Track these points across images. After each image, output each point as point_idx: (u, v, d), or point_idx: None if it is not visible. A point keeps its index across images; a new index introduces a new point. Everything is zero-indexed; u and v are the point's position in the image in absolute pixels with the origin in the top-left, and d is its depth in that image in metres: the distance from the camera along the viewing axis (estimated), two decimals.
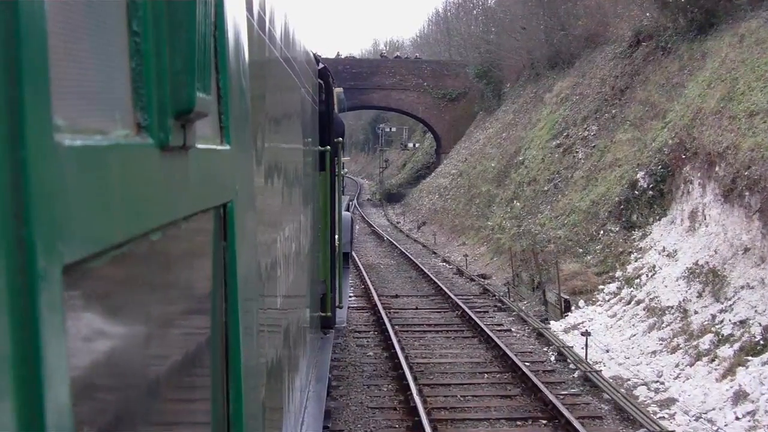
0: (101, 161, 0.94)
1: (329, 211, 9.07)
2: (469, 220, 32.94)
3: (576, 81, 31.32)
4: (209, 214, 1.62)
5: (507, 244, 25.90)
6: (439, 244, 33.78)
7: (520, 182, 29.32)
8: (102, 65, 1.02)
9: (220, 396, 1.77)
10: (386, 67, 57.65)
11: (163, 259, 1.28)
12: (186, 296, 1.50)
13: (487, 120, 45.74)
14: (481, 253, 28.50)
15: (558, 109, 30.72)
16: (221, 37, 1.71)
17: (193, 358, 1.55)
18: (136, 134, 1.12)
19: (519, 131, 35.12)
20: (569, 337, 16.36)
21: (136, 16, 1.11)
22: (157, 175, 1.18)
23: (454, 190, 40.46)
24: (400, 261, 29.70)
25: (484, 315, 19.24)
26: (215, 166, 1.66)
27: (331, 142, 9.05)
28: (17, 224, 0.71)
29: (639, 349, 14.81)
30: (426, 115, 57.02)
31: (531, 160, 29.67)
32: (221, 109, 1.74)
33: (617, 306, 17.19)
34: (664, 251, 17.60)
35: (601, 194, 21.55)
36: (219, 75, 1.69)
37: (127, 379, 1.11)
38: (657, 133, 20.90)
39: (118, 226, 0.98)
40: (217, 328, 1.74)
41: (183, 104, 1.27)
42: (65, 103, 0.84)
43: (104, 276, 0.97)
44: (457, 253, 30.49)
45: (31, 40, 0.73)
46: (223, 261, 1.76)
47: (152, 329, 1.23)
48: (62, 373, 0.78)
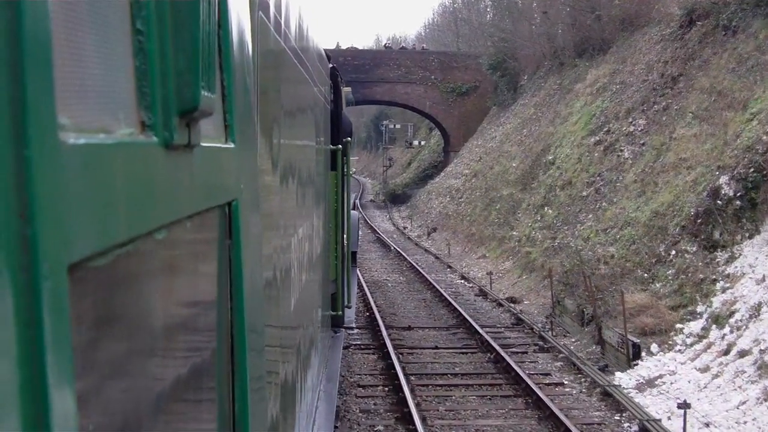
0: (105, 160, 0.94)
1: (340, 211, 9.00)
2: (489, 228, 28.54)
3: (614, 68, 27.03)
4: (214, 213, 1.61)
5: (539, 259, 21.68)
6: (455, 256, 29.42)
7: (551, 185, 24.95)
8: (106, 64, 1.02)
9: (226, 396, 1.75)
10: (391, 59, 53.88)
11: (167, 258, 1.27)
12: (191, 295, 1.49)
13: (502, 115, 41.62)
14: (506, 269, 24.22)
15: (594, 101, 26.27)
16: (225, 35, 1.70)
17: (198, 358, 1.54)
18: (140, 133, 1.11)
19: (544, 127, 30.72)
20: (648, 400, 12.13)
21: (140, 15, 1.12)
22: (161, 173, 1.17)
23: (468, 192, 36.19)
24: (410, 277, 25.25)
25: (523, 358, 15.02)
26: (220, 165, 1.66)
27: (340, 141, 9.00)
28: (22, 223, 0.71)
29: (757, 427, 10.55)
30: (434, 111, 53.40)
31: (564, 160, 25.22)
32: (226, 108, 1.73)
33: (708, 355, 12.92)
34: (764, 281, 13.35)
35: (666, 203, 17.17)
36: (223, 73, 1.68)
37: (132, 379, 1.08)
38: (740, 127, 16.57)
39: (123, 224, 0.98)
40: (223, 327, 1.73)
41: (187, 103, 1.28)
42: (69, 101, 0.84)
43: (109, 275, 0.96)
44: (477, 267, 26.21)
45: (35, 39, 0.74)
46: (228, 259, 1.75)
47: (157, 328, 1.22)
48: (67, 373, 0.78)
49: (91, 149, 0.88)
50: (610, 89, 26.00)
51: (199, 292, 1.56)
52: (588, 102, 26.64)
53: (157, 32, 1.15)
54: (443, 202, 39.78)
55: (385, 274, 26.02)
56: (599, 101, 25.65)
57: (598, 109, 25.17)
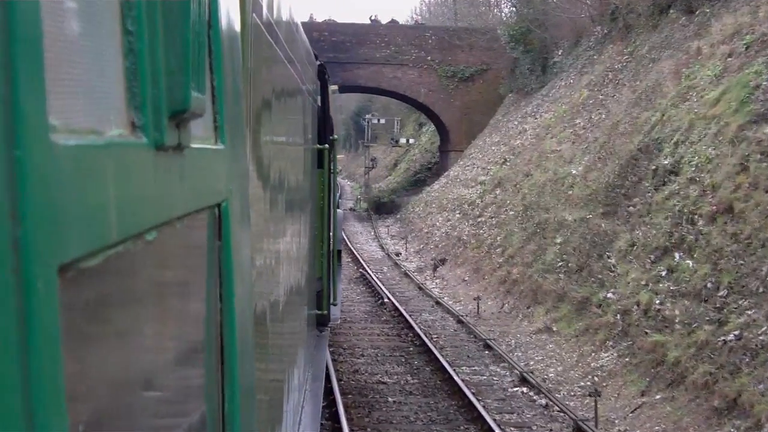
0: (96, 161, 0.93)
1: (326, 208, 9.23)
2: (549, 276, 17.28)
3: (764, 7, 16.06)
4: (204, 214, 1.60)
5: (683, 362, 10.79)
6: (490, 319, 17.77)
7: (682, 212, 13.97)
8: (96, 65, 1.01)
9: (216, 395, 1.73)
10: (377, 35, 43.27)
11: (158, 259, 1.26)
12: (181, 296, 1.49)
13: (527, 103, 31.29)
14: (611, 369, 13.03)
15: (746, 65, 15.16)
16: (216, 36, 1.68)
17: (188, 358, 1.54)
18: (130, 134, 1.10)
19: (624, 112, 19.72)
20: None
21: (131, 16, 1.10)
22: (151, 174, 1.16)
23: (492, 209, 25.18)
24: (425, 376, 13.83)
25: None
26: (210, 166, 1.64)
27: (327, 139, 9.16)
28: (12, 224, 0.71)
29: None
30: (429, 100, 43.02)
31: (703, 166, 13.94)
32: (216, 109, 1.72)
33: None
34: None
35: None
36: (213, 74, 1.66)
37: (122, 379, 1.09)
38: None
39: (113, 225, 0.96)
40: (213, 328, 1.71)
41: (178, 104, 1.26)
42: (60, 102, 0.83)
43: (99, 276, 0.95)
44: (540, 351, 15.09)
45: (26, 40, 0.73)
46: (218, 260, 1.74)
47: (147, 329, 1.22)
48: (57, 375, 0.77)
49: (82, 150, 0.88)
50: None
51: (189, 293, 1.56)
52: (729, 67, 15.60)
53: (148, 32, 1.14)
54: (451, 221, 28.87)
55: (379, 363, 14.74)
56: (758, 65, 14.61)
57: (760, 77, 14.20)
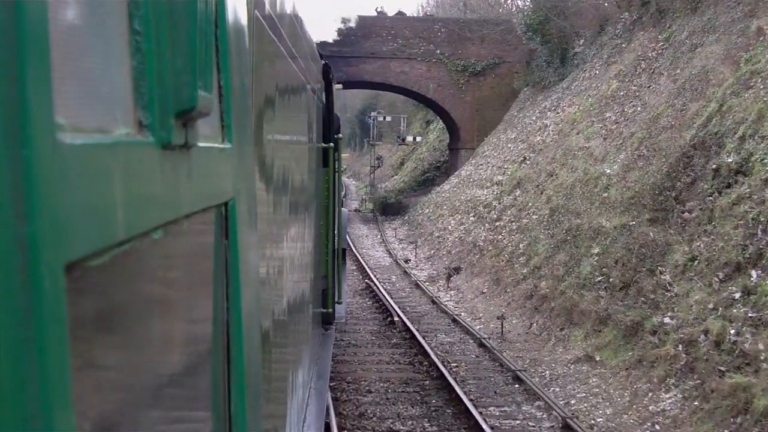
0: (103, 160, 0.92)
1: (331, 207, 9.25)
2: (587, 294, 14.81)
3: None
4: (211, 213, 1.59)
5: None
6: (516, 342, 15.03)
7: (753, 219, 11.56)
8: (103, 64, 1.00)
9: (222, 394, 1.73)
10: (384, 28, 41.06)
11: (164, 258, 1.26)
12: (188, 294, 1.48)
13: (546, 97, 29.15)
14: (680, 418, 10.36)
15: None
16: (223, 35, 1.67)
17: (195, 357, 1.53)
18: (137, 133, 1.10)
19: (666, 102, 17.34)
20: None
21: (138, 15, 1.10)
22: (158, 173, 1.16)
23: (512, 212, 22.81)
24: (449, 427, 10.88)
25: None
26: (217, 165, 1.64)
27: (332, 138, 9.12)
28: (19, 223, 0.71)
29: None
30: (439, 96, 40.80)
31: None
32: (223, 108, 1.72)
33: None
34: None
35: None
36: (220, 73, 1.66)
37: (129, 378, 1.08)
38: None
39: (120, 224, 0.96)
40: (219, 327, 1.70)
41: (184, 103, 1.26)
42: (67, 101, 0.83)
43: (106, 274, 0.95)
44: (583, 386, 12.61)
45: (33, 39, 0.73)
46: (224, 259, 1.73)
47: (154, 327, 1.21)
48: (64, 373, 0.77)
49: (88, 149, 0.88)
50: None
51: (196, 291, 1.55)
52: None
53: (155, 32, 1.14)
54: (465, 224, 26.47)
55: (390, 402, 11.93)
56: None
57: None
